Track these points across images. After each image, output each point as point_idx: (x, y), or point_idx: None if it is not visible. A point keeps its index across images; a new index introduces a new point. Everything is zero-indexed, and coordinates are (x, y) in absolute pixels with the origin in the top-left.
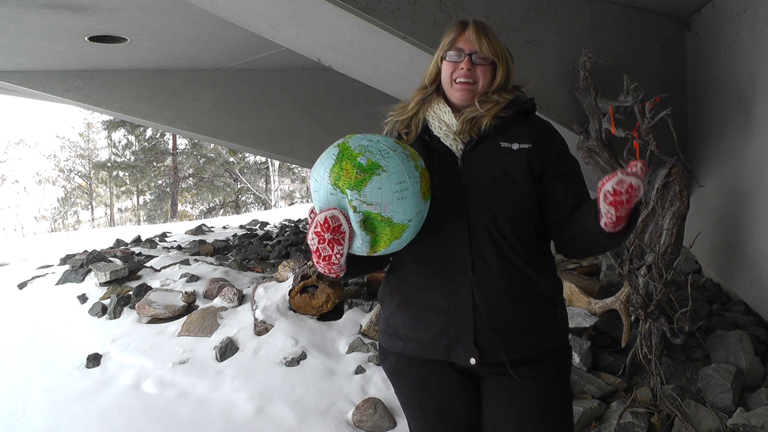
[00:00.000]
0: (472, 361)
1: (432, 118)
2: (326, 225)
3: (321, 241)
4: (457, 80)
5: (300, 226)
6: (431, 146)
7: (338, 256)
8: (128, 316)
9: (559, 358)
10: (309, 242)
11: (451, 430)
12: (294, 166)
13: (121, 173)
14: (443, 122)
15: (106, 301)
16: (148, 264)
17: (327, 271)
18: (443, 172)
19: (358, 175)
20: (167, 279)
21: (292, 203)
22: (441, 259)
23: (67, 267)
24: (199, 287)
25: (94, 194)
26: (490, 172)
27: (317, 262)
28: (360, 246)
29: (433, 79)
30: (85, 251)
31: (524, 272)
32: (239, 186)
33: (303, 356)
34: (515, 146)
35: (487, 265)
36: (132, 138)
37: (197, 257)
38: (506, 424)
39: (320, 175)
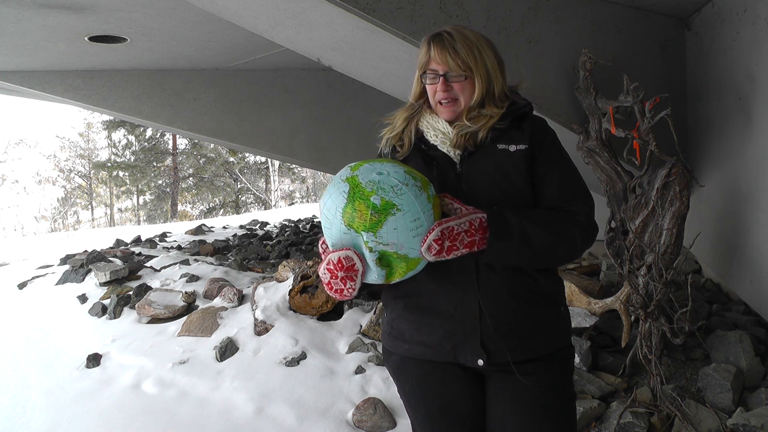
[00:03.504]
0: (480, 362)
1: (426, 128)
2: (339, 264)
3: (333, 277)
4: (440, 102)
5: (300, 226)
6: (429, 154)
7: (350, 290)
8: (128, 316)
9: (563, 357)
10: (321, 275)
11: (455, 427)
12: (294, 166)
13: (121, 173)
14: (438, 131)
15: (106, 301)
16: (148, 264)
17: (338, 298)
18: (443, 178)
19: (373, 216)
20: (167, 279)
21: (292, 203)
22: (445, 264)
23: (67, 267)
24: (199, 287)
25: (94, 194)
26: (489, 176)
27: (328, 290)
28: (375, 278)
29: (419, 96)
30: (85, 251)
31: (527, 273)
32: (239, 186)
33: (303, 356)
34: (512, 148)
35: (491, 268)
36: (132, 138)
37: (197, 257)
38: (511, 422)
39: (332, 214)
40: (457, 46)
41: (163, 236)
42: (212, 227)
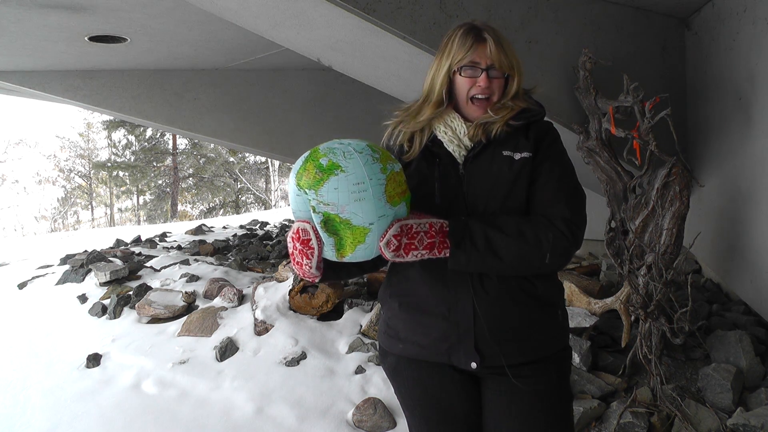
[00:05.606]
0: (473, 365)
1: (439, 123)
2: (297, 234)
3: (294, 248)
4: (475, 97)
5: None
6: (433, 151)
7: (308, 267)
8: (128, 316)
9: (560, 359)
10: (288, 244)
11: (452, 430)
12: None
13: (121, 173)
14: (449, 127)
15: (106, 301)
16: (148, 264)
17: (301, 275)
18: (444, 178)
19: (317, 174)
20: (167, 279)
21: None
22: (441, 264)
23: (67, 267)
24: (199, 287)
25: (94, 194)
26: (489, 180)
27: (293, 264)
28: (328, 250)
29: (448, 92)
30: (85, 251)
31: (524, 276)
32: (239, 186)
33: (303, 356)
34: (517, 155)
35: None
36: (132, 138)
37: (197, 257)
38: (507, 425)
39: (291, 176)
40: (505, 43)
41: (163, 236)
42: (212, 227)
